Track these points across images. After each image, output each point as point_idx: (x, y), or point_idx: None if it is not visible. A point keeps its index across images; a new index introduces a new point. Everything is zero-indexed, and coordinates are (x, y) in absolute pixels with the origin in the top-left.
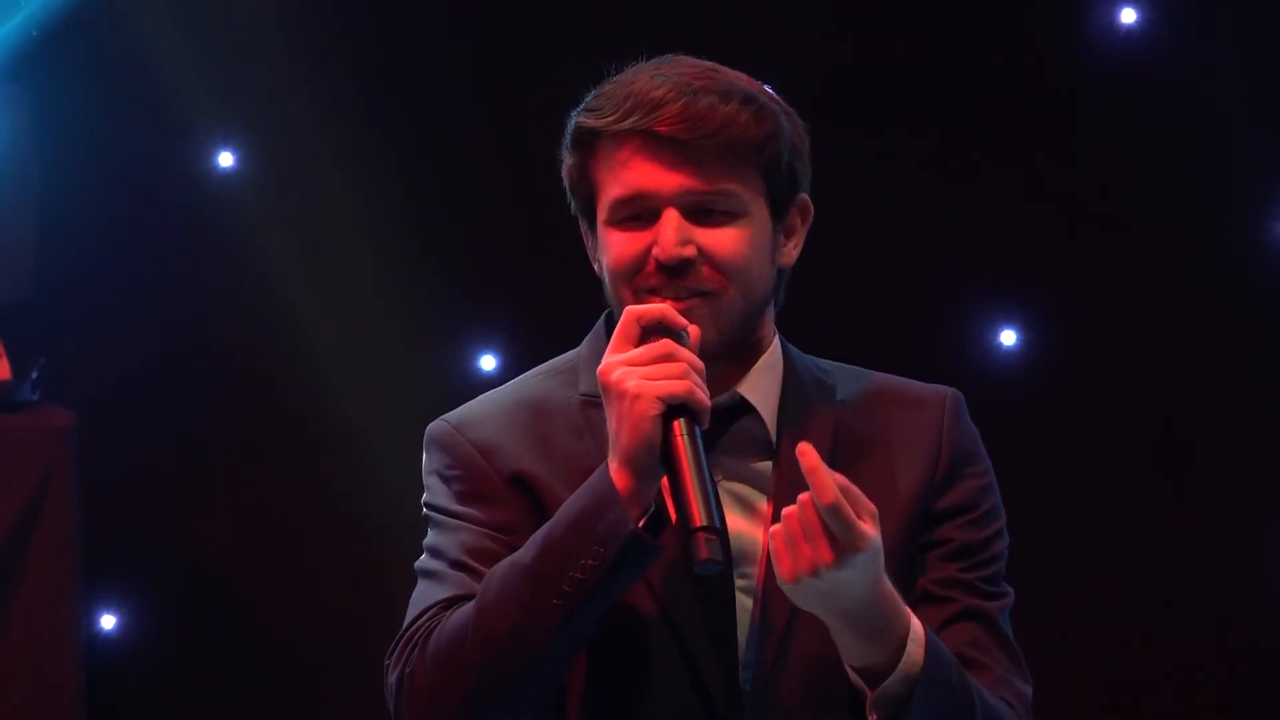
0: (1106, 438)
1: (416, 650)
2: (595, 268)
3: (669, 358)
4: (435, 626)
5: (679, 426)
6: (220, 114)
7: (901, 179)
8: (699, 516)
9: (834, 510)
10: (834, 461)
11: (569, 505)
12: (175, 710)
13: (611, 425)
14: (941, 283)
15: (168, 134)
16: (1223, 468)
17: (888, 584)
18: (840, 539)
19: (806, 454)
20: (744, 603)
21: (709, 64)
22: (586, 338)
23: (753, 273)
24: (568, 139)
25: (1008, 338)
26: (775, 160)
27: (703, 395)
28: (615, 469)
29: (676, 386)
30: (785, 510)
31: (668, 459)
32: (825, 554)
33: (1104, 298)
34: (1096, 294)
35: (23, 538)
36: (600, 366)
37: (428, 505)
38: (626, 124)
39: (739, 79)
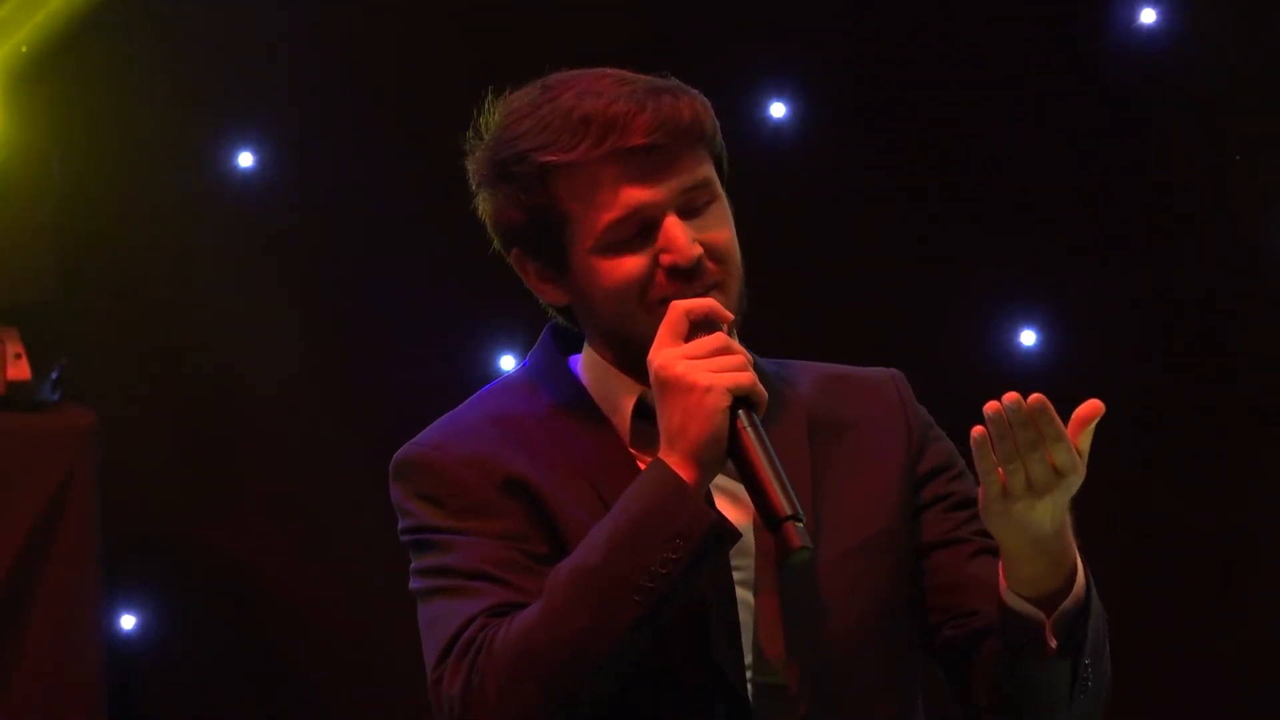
0: (1125, 439)
1: (481, 658)
2: (551, 297)
3: (727, 350)
4: (494, 635)
5: (744, 419)
6: (240, 114)
7: (921, 178)
8: (783, 506)
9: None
10: (813, 444)
11: (629, 502)
12: (195, 710)
13: (674, 419)
14: (961, 283)
15: (188, 134)
16: (1244, 469)
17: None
18: (1065, 459)
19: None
20: (743, 596)
21: (609, 69)
22: (534, 350)
23: (738, 251)
24: (512, 179)
25: (1027, 338)
26: (720, 141)
27: (762, 387)
28: (679, 462)
29: (743, 378)
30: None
31: (736, 451)
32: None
33: (1124, 298)
34: (1116, 294)
35: (44, 538)
36: (658, 361)
37: (417, 530)
38: (604, 148)
39: (653, 76)
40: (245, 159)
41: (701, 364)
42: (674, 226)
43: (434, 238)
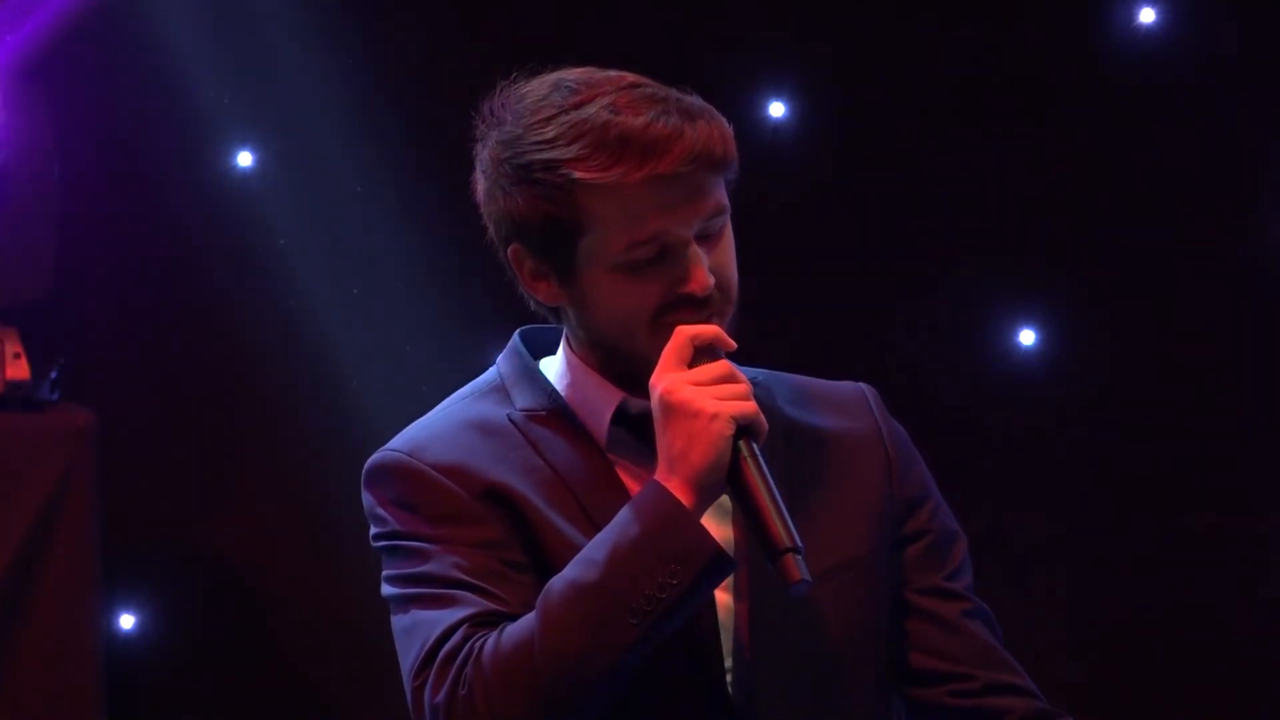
0: (1125, 438)
1: (469, 669)
2: (545, 296)
3: (731, 378)
4: (482, 646)
5: (744, 448)
6: (239, 113)
7: (918, 178)
8: (783, 538)
9: None
10: (790, 458)
11: (629, 523)
12: (194, 710)
13: (676, 444)
14: (959, 282)
15: (187, 133)
16: (1244, 469)
17: None
18: None
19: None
20: (724, 601)
21: (627, 75)
22: (504, 356)
23: (737, 276)
24: (536, 185)
25: (1026, 337)
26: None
27: (764, 418)
28: (678, 486)
29: (748, 407)
30: None
31: (736, 480)
32: None
33: (1123, 297)
34: (1116, 294)
35: (42, 537)
36: (663, 385)
37: (391, 537)
38: (643, 173)
39: (675, 90)
40: (245, 159)
41: (707, 390)
42: (696, 257)
43: (435, 237)
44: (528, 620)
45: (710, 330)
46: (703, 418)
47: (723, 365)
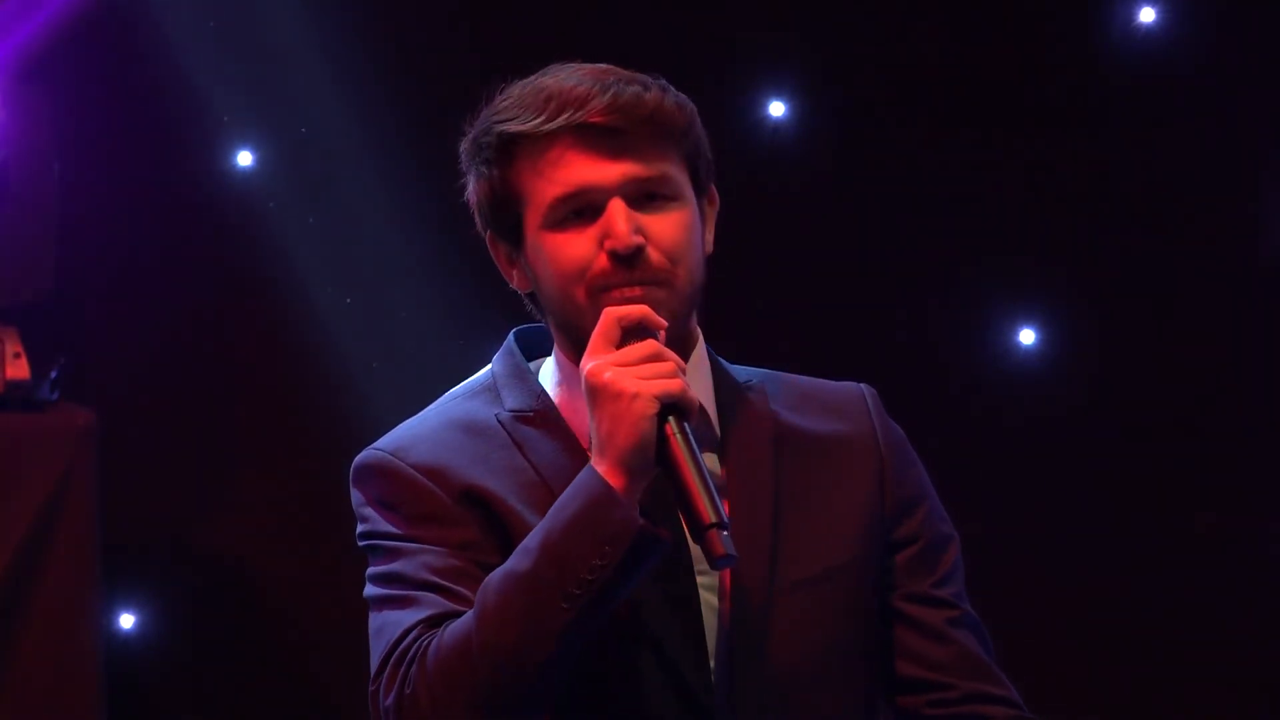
0: (1125, 438)
1: (414, 669)
2: (518, 282)
3: (658, 357)
4: (428, 645)
5: (673, 426)
6: (239, 113)
7: (919, 177)
8: (708, 514)
9: None
10: (779, 461)
11: (560, 510)
12: (194, 710)
13: (602, 426)
14: (960, 281)
15: (187, 133)
16: (1244, 470)
17: None
18: None
19: None
20: (708, 600)
21: (603, 65)
22: (498, 356)
23: (693, 257)
24: (481, 153)
25: (1026, 337)
26: (696, 145)
27: (693, 394)
28: (608, 469)
29: (672, 385)
30: None
31: (664, 459)
32: None
33: (1123, 297)
34: (1116, 293)
35: (43, 537)
36: (588, 368)
37: (371, 535)
38: (558, 122)
39: (643, 75)
40: (245, 158)
41: (630, 371)
42: (617, 211)
43: (436, 237)
44: (468, 617)
45: (637, 310)
46: (624, 398)
47: (649, 345)
